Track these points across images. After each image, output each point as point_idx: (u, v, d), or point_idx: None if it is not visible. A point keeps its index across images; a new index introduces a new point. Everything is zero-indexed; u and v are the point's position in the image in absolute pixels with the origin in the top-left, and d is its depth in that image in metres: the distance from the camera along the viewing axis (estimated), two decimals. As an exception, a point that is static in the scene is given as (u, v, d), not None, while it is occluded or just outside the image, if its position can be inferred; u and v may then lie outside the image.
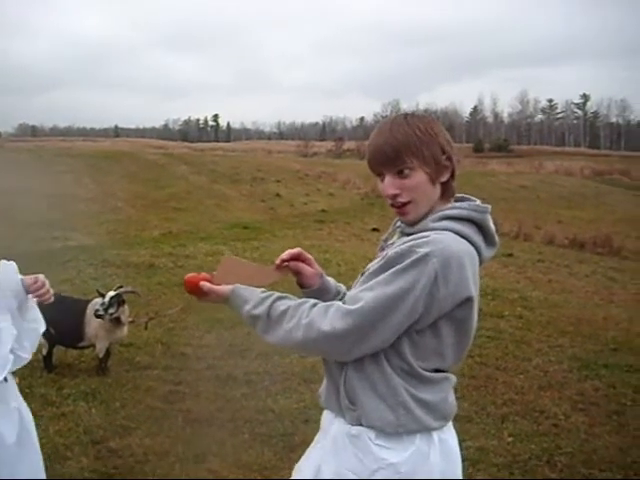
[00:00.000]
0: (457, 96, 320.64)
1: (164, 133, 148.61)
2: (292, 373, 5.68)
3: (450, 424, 2.02)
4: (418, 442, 1.90)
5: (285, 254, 2.14)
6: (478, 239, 1.95)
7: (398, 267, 1.82)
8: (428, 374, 1.92)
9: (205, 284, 2.05)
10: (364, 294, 1.85)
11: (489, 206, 2.01)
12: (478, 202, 2.02)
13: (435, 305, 1.83)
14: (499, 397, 5.37)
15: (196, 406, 5.01)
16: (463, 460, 2.08)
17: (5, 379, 2.60)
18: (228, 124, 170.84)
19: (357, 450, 1.94)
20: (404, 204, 1.97)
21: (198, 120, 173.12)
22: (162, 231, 16.29)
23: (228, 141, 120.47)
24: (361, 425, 1.94)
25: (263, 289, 2.04)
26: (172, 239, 14.82)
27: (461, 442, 2.10)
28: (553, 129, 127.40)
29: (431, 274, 1.79)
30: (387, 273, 1.84)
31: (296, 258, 2.15)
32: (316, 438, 2.16)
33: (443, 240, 1.84)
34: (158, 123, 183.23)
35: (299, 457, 4.19)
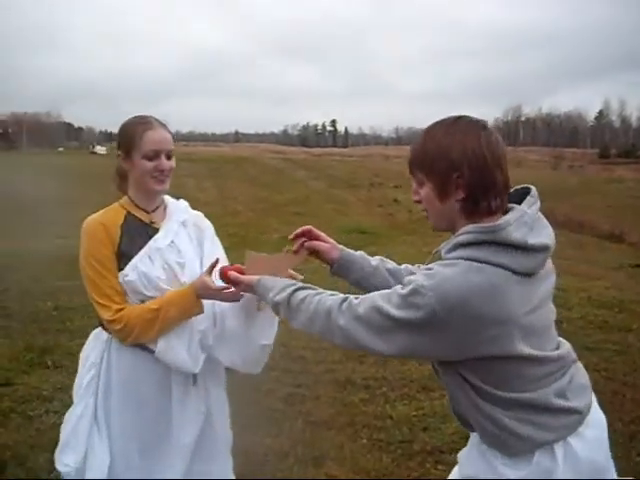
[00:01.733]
0: (581, 100, 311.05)
1: (283, 138, 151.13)
2: (410, 380, 5.63)
3: (585, 429, 1.91)
4: (537, 458, 1.84)
5: (296, 231, 2.45)
6: (505, 258, 1.79)
7: (402, 293, 1.79)
8: (515, 395, 1.84)
9: (232, 273, 2.33)
10: (374, 300, 1.87)
11: (502, 221, 1.82)
12: (511, 215, 1.84)
13: (453, 342, 1.77)
14: (627, 414, 5.13)
15: (315, 409, 5.06)
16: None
17: (194, 381, 2.67)
18: (346, 129, 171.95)
19: (484, 464, 1.92)
20: (427, 212, 1.99)
21: (316, 125, 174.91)
22: (282, 235, 16.50)
23: (346, 146, 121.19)
24: None
25: (291, 280, 2.22)
26: (291, 243, 14.99)
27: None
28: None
29: (427, 309, 1.72)
30: (398, 293, 1.82)
31: (308, 235, 2.43)
32: None
33: (444, 274, 1.76)
34: (277, 128, 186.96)
35: (417, 465, 4.22)
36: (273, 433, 4.60)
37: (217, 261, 2.52)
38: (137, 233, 2.58)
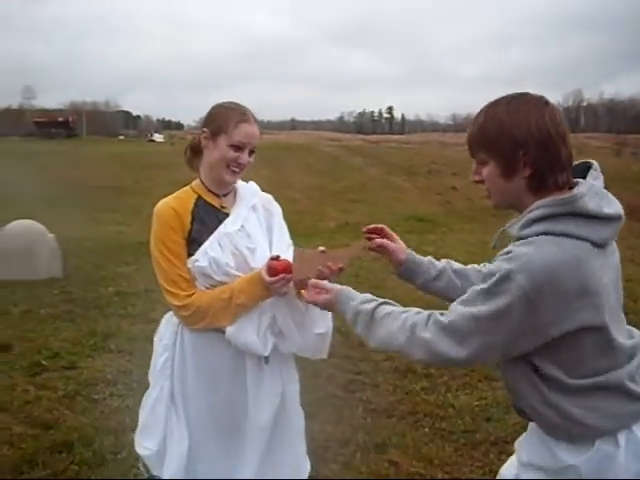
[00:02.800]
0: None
1: (339, 125, 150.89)
2: (472, 369, 5.55)
3: None
4: (599, 444, 1.82)
5: (368, 227, 2.48)
6: (583, 228, 1.76)
7: (484, 287, 1.76)
8: (586, 382, 1.80)
9: (314, 281, 2.25)
10: (458, 308, 1.83)
11: (577, 192, 1.79)
12: (579, 189, 1.81)
13: (540, 323, 1.72)
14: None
15: (376, 397, 5.03)
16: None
17: (266, 360, 2.66)
18: (402, 116, 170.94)
19: (544, 449, 1.90)
20: (489, 191, 1.96)
21: (372, 112, 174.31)
22: (338, 222, 16.55)
23: (402, 133, 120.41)
24: None
25: (372, 296, 2.14)
26: (349, 230, 14.97)
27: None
28: None
29: (518, 293, 1.68)
30: (478, 290, 1.79)
31: (380, 233, 2.44)
32: None
33: (527, 253, 1.71)
34: (333, 115, 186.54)
35: (481, 455, 4.16)
36: (333, 420, 4.59)
37: (277, 257, 2.52)
38: (208, 218, 2.59)
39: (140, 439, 2.70)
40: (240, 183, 2.77)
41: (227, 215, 2.63)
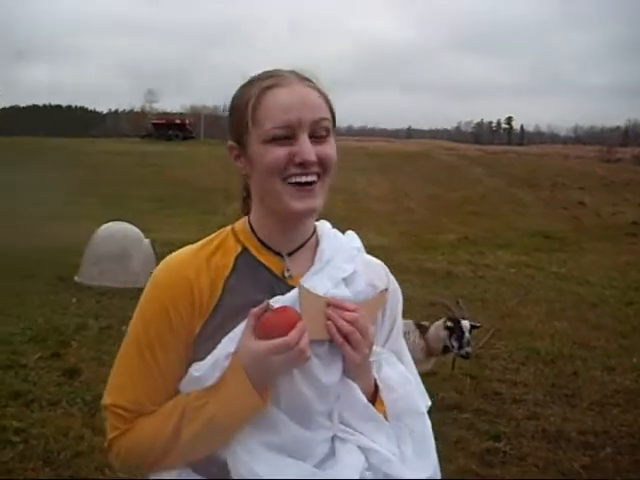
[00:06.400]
0: None
1: (456, 135, 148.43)
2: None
3: None
4: None
5: None
6: None
7: None
8: None
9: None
10: None
11: None
12: None
13: None
14: None
15: (525, 476, 3.87)
16: None
17: None
18: (522, 127, 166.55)
19: None
20: None
21: (491, 122, 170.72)
22: (458, 236, 15.37)
23: (521, 144, 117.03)
24: None
25: None
26: (469, 245, 13.84)
27: None
28: None
29: None
30: None
31: None
32: None
33: None
34: (450, 125, 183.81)
35: None
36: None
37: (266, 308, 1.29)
38: (254, 293, 1.35)
39: None
40: (325, 230, 1.49)
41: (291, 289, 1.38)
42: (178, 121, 59.56)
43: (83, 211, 16.04)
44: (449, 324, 4.51)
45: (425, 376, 4.82)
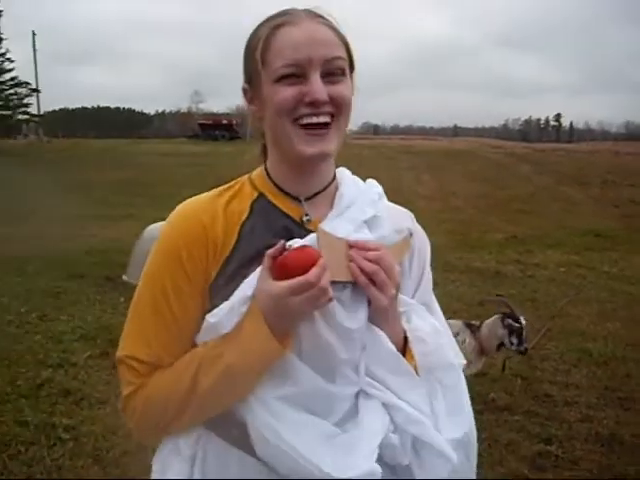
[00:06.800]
0: None
1: (503, 133, 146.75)
2: None
3: None
4: None
5: None
6: None
7: None
8: None
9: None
10: None
11: None
12: None
13: None
14: None
15: (577, 481, 3.77)
16: None
17: None
18: (571, 124, 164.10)
19: None
20: None
21: (539, 120, 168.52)
22: (506, 235, 15.10)
23: (570, 141, 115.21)
24: None
25: None
26: (517, 244, 13.58)
27: None
28: None
29: None
30: None
31: None
32: None
33: None
34: (497, 122, 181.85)
35: None
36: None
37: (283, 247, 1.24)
38: (268, 238, 1.31)
39: None
40: (345, 177, 1.46)
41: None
42: (225, 121, 59.73)
43: (130, 211, 16.23)
44: (509, 321, 4.40)
45: (475, 377, 4.76)
